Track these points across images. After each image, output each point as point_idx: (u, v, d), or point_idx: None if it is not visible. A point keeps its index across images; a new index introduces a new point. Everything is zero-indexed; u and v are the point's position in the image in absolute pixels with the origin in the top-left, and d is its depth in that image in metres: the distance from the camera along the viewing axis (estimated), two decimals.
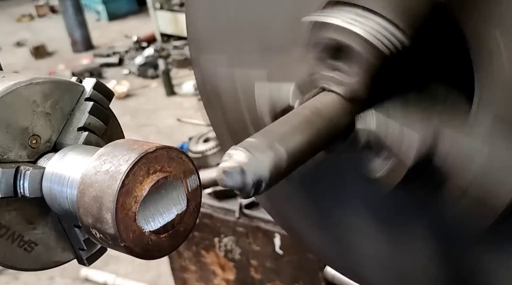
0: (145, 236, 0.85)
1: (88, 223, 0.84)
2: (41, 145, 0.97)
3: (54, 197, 0.92)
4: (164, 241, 0.88)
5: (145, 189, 0.83)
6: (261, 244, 3.13)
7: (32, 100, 0.95)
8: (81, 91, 1.01)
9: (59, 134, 0.99)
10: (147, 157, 0.83)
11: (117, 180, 0.81)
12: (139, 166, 0.83)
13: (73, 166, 0.92)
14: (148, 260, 0.88)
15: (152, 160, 0.84)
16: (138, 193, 0.83)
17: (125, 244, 0.83)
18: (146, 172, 0.83)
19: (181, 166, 0.88)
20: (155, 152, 0.84)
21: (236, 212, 3.13)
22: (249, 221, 3.13)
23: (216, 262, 3.45)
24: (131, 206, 0.83)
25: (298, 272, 3.03)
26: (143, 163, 0.83)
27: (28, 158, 0.96)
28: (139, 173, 0.83)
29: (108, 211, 0.81)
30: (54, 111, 0.98)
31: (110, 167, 0.83)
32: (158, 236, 0.87)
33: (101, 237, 0.84)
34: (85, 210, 0.84)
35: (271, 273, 3.18)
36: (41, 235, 1.00)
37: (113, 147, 0.87)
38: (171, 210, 0.88)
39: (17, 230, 0.96)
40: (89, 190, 0.83)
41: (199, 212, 0.92)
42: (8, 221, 0.95)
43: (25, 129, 0.95)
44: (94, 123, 1.00)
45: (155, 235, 0.86)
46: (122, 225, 0.82)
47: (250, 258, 3.24)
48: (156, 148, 0.85)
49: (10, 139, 0.93)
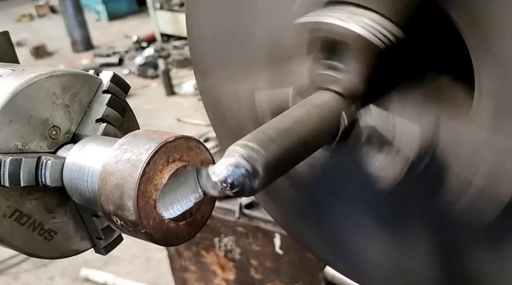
0: (165, 223, 0.86)
1: (110, 210, 0.86)
2: (61, 136, 0.98)
3: (74, 186, 0.93)
4: (183, 228, 0.89)
5: (165, 177, 0.85)
6: (261, 244, 3.12)
7: (52, 92, 0.96)
8: (98, 83, 1.02)
9: (78, 126, 1.00)
10: (167, 146, 0.85)
11: (138, 168, 0.82)
12: (159, 155, 0.84)
13: (93, 155, 0.93)
14: (167, 246, 0.90)
15: (172, 149, 0.85)
16: (158, 181, 0.84)
17: (145, 230, 0.84)
18: (165, 161, 0.85)
19: (199, 156, 0.89)
20: (174, 141, 0.86)
21: (236, 212, 3.12)
22: (249, 221, 3.12)
23: (216, 262, 3.44)
24: (152, 193, 0.84)
25: (298, 272, 3.02)
26: (163, 152, 0.84)
27: (48, 149, 0.97)
28: (159, 161, 0.84)
29: (129, 198, 0.82)
30: (73, 103, 0.99)
31: (131, 155, 0.84)
32: (176, 223, 0.88)
33: (122, 224, 0.86)
34: (106, 198, 0.85)
35: (271, 273, 3.17)
36: (60, 224, 1.01)
37: (133, 136, 0.88)
38: (189, 198, 0.89)
39: (37, 219, 0.97)
40: (111, 178, 0.85)
41: (215, 201, 0.93)
42: (29, 210, 0.96)
43: (45, 120, 0.96)
44: (112, 115, 1.01)
45: (174, 222, 0.87)
46: (143, 212, 0.83)
47: (250, 258, 3.23)
48: (175, 138, 0.86)
49: (31, 130, 0.94)
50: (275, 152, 0.92)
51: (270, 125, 0.98)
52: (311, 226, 1.54)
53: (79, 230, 1.04)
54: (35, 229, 0.98)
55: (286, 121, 1.00)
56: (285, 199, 1.53)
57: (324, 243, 1.55)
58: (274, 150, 0.92)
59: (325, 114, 1.05)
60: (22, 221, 0.95)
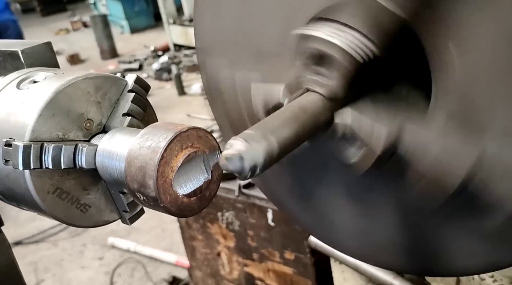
0: (179, 199, 0.87)
1: (134, 188, 0.86)
2: (94, 127, 0.98)
3: (105, 168, 0.94)
4: (194, 203, 0.90)
5: (179, 161, 0.85)
6: (256, 217, 3.11)
7: (87, 92, 0.97)
8: (124, 84, 1.02)
9: (107, 119, 1.00)
10: (181, 135, 0.85)
11: (157, 153, 0.83)
12: (175, 142, 0.84)
13: (121, 143, 0.93)
14: (181, 217, 0.90)
15: (185, 138, 0.86)
16: (174, 164, 0.85)
17: (163, 204, 0.85)
18: (180, 147, 0.85)
19: (207, 143, 0.90)
20: (187, 131, 0.86)
21: (236, 191, 3.12)
22: (247, 199, 3.12)
23: (219, 232, 3.44)
24: (169, 174, 0.84)
25: (287, 240, 3.01)
26: (178, 140, 0.85)
27: (83, 138, 0.97)
28: (175, 148, 0.84)
29: (150, 178, 0.83)
30: (104, 100, 0.99)
31: (151, 143, 0.85)
32: (189, 198, 0.88)
33: (144, 199, 0.86)
34: (131, 178, 0.86)
35: (265, 241, 3.16)
36: (93, 199, 1.01)
37: (153, 127, 0.88)
38: (199, 178, 0.89)
39: (75, 195, 0.98)
40: (135, 161, 0.85)
41: (221, 180, 0.94)
42: (69, 187, 0.97)
43: (81, 114, 0.96)
44: (135, 110, 1.01)
45: (187, 198, 0.88)
46: (162, 189, 0.84)
47: (247, 229, 3.23)
48: (188, 128, 0.86)
49: (69, 122, 0.94)
50: (273, 144, 0.93)
51: (269, 120, 0.99)
52: (297, 202, 1.54)
53: (109, 204, 1.04)
54: (73, 203, 0.98)
55: (282, 118, 1.00)
56: (276, 181, 1.54)
57: (308, 216, 1.56)
58: (273, 142, 0.93)
59: (312, 112, 1.05)
60: (62, 196, 0.96)
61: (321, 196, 1.43)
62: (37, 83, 0.98)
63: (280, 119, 1.00)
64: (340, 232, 1.46)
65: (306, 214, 1.56)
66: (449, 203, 1.09)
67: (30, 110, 0.91)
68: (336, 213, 1.42)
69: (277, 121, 0.99)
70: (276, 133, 0.95)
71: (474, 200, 1.05)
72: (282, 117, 1.01)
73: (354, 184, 1.29)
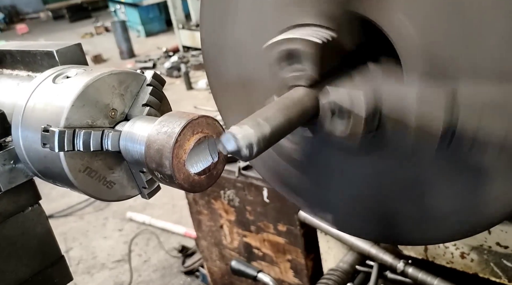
0: (191, 177, 0.88)
1: (152, 167, 0.87)
2: (118, 116, 0.98)
3: (128, 150, 0.94)
4: (203, 180, 0.90)
5: (191, 144, 0.86)
6: (253, 195, 3.11)
7: (112, 85, 0.97)
8: (144, 79, 1.02)
9: (129, 109, 1.00)
10: (192, 123, 0.86)
11: (172, 138, 0.83)
12: (187, 129, 0.85)
13: (141, 129, 0.93)
14: (192, 193, 0.90)
15: (196, 124, 0.86)
16: (186, 147, 0.85)
17: (177, 181, 0.85)
18: (191, 133, 0.86)
19: (215, 129, 0.90)
20: (197, 119, 0.87)
21: (236, 172, 3.11)
22: (245, 179, 3.11)
23: (222, 208, 3.43)
24: (182, 155, 0.85)
25: (280, 214, 3.00)
26: (190, 126, 0.85)
27: (109, 125, 0.97)
28: (187, 133, 0.85)
29: (166, 159, 0.84)
30: (126, 92, 0.99)
31: (167, 129, 0.85)
32: (199, 176, 0.89)
33: (161, 177, 0.87)
34: (150, 158, 0.86)
35: (261, 215, 3.15)
36: (117, 177, 1.01)
37: (168, 116, 0.89)
38: (208, 159, 0.90)
39: (102, 173, 0.98)
40: (153, 145, 0.86)
41: (226, 161, 0.94)
42: (96, 167, 0.97)
43: (107, 105, 0.96)
44: (153, 101, 1.01)
45: (197, 176, 0.89)
46: (176, 169, 0.84)
47: (245, 205, 3.22)
48: (198, 117, 0.87)
49: (97, 111, 0.95)
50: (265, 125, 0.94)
51: (259, 111, 0.99)
52: (289, 181, 1.54)
53: (130, 182, 1.04)
54: (100, 181, 0.99)
55: (271, 107, 1.01)
56: (271, 163, 1.54)
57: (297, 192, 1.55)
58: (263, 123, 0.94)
59: (299, 101, 1.06)
60: (91, 175, 0.96)
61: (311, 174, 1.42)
62: (69, 78, 0.98)
63: (269, 108, 1.01)
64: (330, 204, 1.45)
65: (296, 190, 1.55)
66: (440, 156, 1.06)
67: (64, 101, 0.92)
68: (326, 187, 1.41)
69: (266, 109, 1.00)
70: (266, 117, 0.96)
71: (462, 144, 1.02)
72: (271, 106, 1.02)
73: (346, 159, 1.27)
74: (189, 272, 5.09)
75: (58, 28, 20.88)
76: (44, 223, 1.15)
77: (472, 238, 1.80)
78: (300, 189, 1.52)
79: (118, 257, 5.61)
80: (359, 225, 1.41)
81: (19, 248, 1.11)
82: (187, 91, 10.55)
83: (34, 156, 0.97)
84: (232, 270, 2.53)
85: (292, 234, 3.00)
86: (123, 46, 14.30)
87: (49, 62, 1.13)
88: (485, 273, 1.84)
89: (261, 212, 3.14)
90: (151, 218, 6.04)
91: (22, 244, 1.11)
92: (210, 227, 3.69)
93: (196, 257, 5.09)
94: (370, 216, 1.34)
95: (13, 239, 1.10)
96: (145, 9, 16.97)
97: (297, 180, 1.49)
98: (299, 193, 1.55)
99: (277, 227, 3.07)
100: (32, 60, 1.16)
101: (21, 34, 20.30)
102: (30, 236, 1.13)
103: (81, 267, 5.53)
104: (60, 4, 23.42)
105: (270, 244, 3.22)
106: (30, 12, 25.54)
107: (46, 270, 1.14)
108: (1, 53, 1.26)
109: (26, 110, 0.98)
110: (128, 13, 17.83)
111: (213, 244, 3.79)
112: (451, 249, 1.90)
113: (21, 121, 0.98)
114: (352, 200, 1.35)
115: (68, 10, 22.64)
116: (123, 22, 14.66)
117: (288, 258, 3.15)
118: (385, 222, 1.31)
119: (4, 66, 1.26)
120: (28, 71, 1.19)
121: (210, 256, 3.93)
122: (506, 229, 1.69)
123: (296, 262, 3.10)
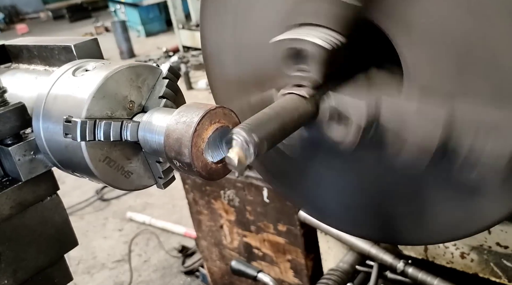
0: (208, 165, 0.89)
1: (172, 156, 0.89)
2: (135, 107, 0.99)
3: (146, 140, 0.96)
4: (220, 168, 0.92)
5: (209, 133, 0.88)
6: (253, 195, 3.09)
7: (130, 78, 0.98)
8: (160, 72, 1.03)
9: (146, 101, 1.02)
10: (210, 113, 0.87)
11: (191, 127, 0.86)
12: (205, 118, 0.87)
13: (159, 120, 0.95)
14: (210, 180, 0.92)
15: (213, 114, 0.88)
16: (204, 136, 0.87)
17: (196, 169, 0.87)
18: (209, 122, 0.88)
19: (231, 119, 0.92)
20: (215, 109, 0.88)
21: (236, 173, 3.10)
22: (245, 179, 3.09)
23: (222, 208, 3.42)
24: (200, 144, 0.87)
25: (280, 215, 2.98)
26: (207, 116, 0.87)
27: (127, 116, 0.98)
28: (205, 123, 0.87)
29: (186, 147, 0.86)
30: (143, 85, 1.01)
31: (186, 119, 0.87)
32: (216, 165, 0.91)
33: (180, 165, 0.89)
34: (170, 147, 0.88)
35: (261, 215, 3.13)
36: (135, 167, 1.03)
37: (187, 107, 0.91)
38: (225, 148, 0.91)
39: (120, 163, 1.00)
40: (173, 134, 0.88)
41: None
42: (115, 157, 0.99)
43: (126, 97, 0.98)
44: (169, 93, 1.02)
45: (214, 164, 0.90)
46: (195, 157, 0.86)
47: (246, 205, 3.20)
48: (216, 107, 0.89)
49: (116, 103, 0.96)
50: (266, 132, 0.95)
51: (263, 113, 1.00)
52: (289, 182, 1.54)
53: (147, 172, 1.05)
54: (119, 170, 1.00)
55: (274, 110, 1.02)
56: (271, 163, 1.54)
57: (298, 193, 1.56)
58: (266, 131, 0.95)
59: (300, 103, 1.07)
60: (110, 164, 0.98)
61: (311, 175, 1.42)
62: (89, 71, 1.00)
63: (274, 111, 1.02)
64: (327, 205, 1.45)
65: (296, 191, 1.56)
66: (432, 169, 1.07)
67: (85, 93, 0.93)
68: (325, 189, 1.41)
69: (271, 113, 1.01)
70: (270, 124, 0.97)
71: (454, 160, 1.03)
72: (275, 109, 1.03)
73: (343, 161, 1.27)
74: (189, 272, 5.10)
75: (58, 28, 20.87)
76: (61, 212, 1.17)
77: (472, 238, 1.80)
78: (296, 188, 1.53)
79: (118, 257, 5.61)
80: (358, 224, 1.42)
81: (38, 237, 1.13)
82: (187, 91, 10.53)
83: (55, 146, 0.99)
84: (232, 270, 2.53)
85: (292, 234, 3.00)
86: (123, 46, 14.29)
87: (66, 57, 1.15)
88: (485, 273, 1.84)
89: (261, 212, 3.13)
90: (151, 218, 6.05)
91: (41, 233, 1.14)
92: (210, 227, 3.69)
93: (196, 257, 5.10)
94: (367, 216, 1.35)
95: (33, 228, 1.12)
96: (145, 9, 16.96)
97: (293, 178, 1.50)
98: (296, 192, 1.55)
99: (277, 227, 3.07)
100: (50, 55, 1.19)
101: (21, 34, 20.25)
102: (49, 225, 1.15)
103: (81, 267, 5.53)
104: (60, 4, 23.44)
105: (270, 244, 3.22)
106: (30, 12, 25.55)
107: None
108: (18, 49, 1.28)
109: (47, 102, 1.00)
110: (128, 13, 17.82)
111: (213, 244, 3.79)
112: (451, 249, 1.90)
113: (42, 113, 1.00)
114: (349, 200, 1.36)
115: (68, 10, 22.65)
116: (123, 22, 14.65)
117: (288, 258, 3.15)
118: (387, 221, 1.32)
119: (21, 61, 1.28)
120: (45, 65, 1.21)
121: (210, 256, 3.93)
122: (506, 229, 1.70)
123: (296, 262, 3.10)
